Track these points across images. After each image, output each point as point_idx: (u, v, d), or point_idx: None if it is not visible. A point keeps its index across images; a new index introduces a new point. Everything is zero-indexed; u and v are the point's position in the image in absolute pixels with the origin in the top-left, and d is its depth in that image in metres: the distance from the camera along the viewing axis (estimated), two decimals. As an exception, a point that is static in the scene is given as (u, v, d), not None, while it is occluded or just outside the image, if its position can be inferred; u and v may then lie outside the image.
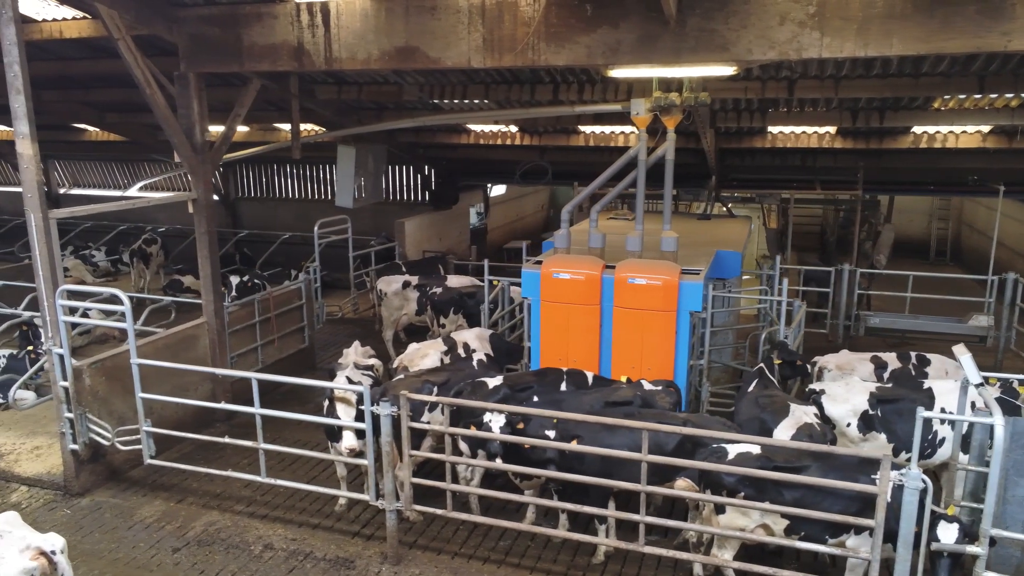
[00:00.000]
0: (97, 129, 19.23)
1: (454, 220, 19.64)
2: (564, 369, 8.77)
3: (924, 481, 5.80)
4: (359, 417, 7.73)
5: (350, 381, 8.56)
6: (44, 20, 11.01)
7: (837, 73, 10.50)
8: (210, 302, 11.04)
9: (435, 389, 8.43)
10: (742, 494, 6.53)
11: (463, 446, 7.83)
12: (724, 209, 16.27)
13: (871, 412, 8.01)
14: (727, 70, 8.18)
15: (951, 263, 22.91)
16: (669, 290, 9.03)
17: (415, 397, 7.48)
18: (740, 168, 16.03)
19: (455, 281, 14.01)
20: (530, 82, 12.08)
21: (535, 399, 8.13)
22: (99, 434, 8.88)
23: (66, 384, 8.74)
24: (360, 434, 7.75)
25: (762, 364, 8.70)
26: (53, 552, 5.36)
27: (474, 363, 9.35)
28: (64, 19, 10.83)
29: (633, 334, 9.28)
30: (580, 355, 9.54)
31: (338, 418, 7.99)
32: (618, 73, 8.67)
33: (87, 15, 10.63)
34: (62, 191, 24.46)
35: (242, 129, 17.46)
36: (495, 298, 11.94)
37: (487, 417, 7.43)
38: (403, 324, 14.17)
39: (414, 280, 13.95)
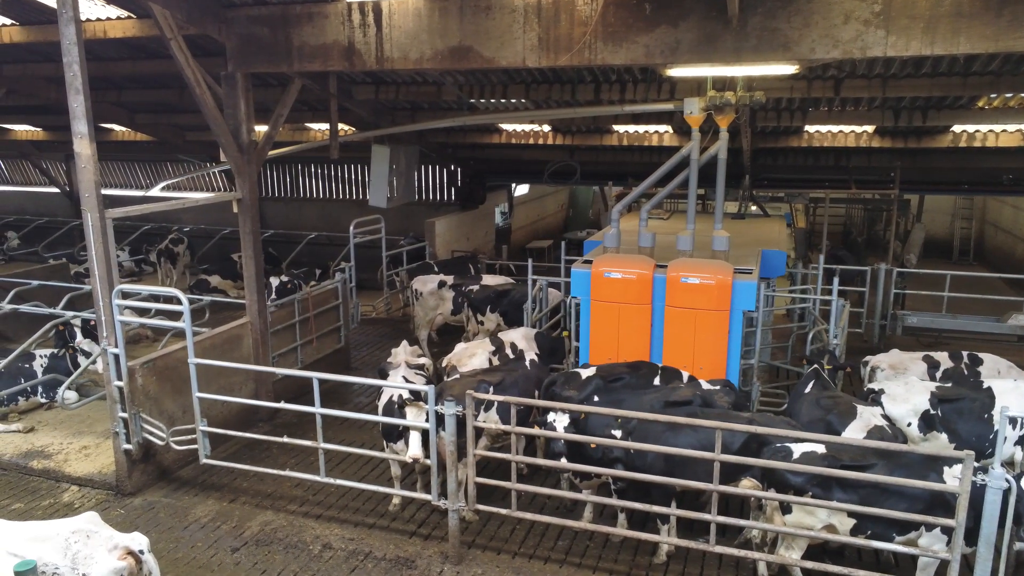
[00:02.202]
0: (122, 129, 19.25)
1: (481, 220, 19.64)
2: (660, 365, 8.77)
3: (1008, 481, 5.77)
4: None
5: (406, 381, 8.57)
6: (88, 20, 10.99)
7: (885, 72, 10.48)
8: (254, 302, 11.03)
9: (491, 388, 8.41)
10: (810, 493, 6.51)
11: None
12: (754, 208, 16.24)
13: (932, 412, 7.99)
14: (789, 69, 8.15)
15: (974, 262, 22.85)
16: (723, 289, 9.00)
17: (481, 396, 7.46)
18: (772, 167, 15.99)
19: (491, 280, 13.99)
20: (572, 81, 12.07)
21: (595, 399, 8.11)
22: (153, 434, 8.87)
23: (121, 384, 8.74)
24: (423, 438, 7.72)
25: (816, 366, 8.67)
26: (141, 551, 5.35)
27: (527, 363, 9.32)
28: (109, 19, 10.81)
29: (685, 334, 9.26)
30: (631, 355, 9.51)
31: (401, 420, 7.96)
32: (676, 72, 8.65)
33: (132, 15, 10.64)
34: (85, 191, 24.46)
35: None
36: (534, 298, 11.93)
37: (551, 417, 7.42)
38: (437, 324, 14.15)
39: (449, 280, 13.94)
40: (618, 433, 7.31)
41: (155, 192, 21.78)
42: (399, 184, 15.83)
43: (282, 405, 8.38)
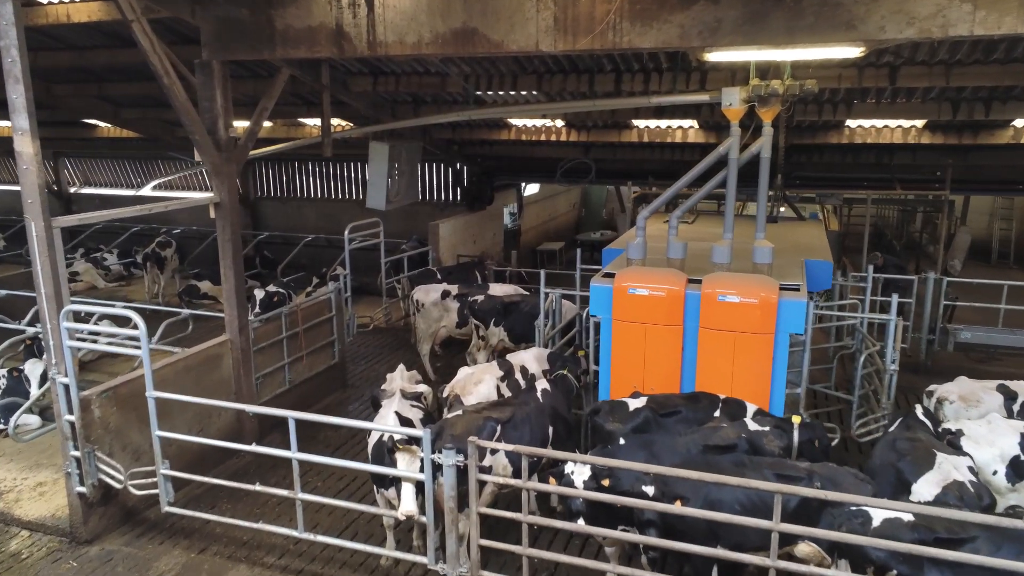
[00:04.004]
0: (110, 125, 18.12)
1: (488, 221, 18.38)
2: (722, 396, 7.63)
3: None
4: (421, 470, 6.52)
5: (400, 417, 7.40)
6: (50, 2, 9.87)
7: (950, 58, 9.19)
8: (234, 318, 9.88)
9: (499, 427, 7.22)
10: (895, 572, 5.29)
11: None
12: (783, 210, 14.91)
13: (1023, 458, 6.73)
14: (852, 51, 6.91)
15: (1014, 265, 21.43)
16: (767, 309, 7.77)
17: (485, 444, 6.27)
18: (807, 165, 14.67)
19: (499, 289, 12.79)
20: (590, 71, 10.83)
21: (621, 441, 6.91)
22: (110, 475, 7.73)
23: (72, 418, 7.59)
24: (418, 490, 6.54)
25: (919, 405, 7.53)
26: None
27: (539, 393, 8.10)
28: (72, 1, 9.69)
29: (722, 360, 8.03)
30: (658, 383, 8.31)
31: (392, 464, 6.79)
32: (716, 57, 7.42)
33: (97, -5, 9.52)
34: (73, 190, 23.40)
35: (264, 124, 16.31)
36: (546, 311, 10.69)
37: (568, 468, 6.23)
38: (441, 337, 12.97)
39: (454, 289, 12.74)
40: (651, 490, 6.09)
41: (146, 191, 20.73)
42: (400, 184, 14.61)
43: (253, 448, 7.16)
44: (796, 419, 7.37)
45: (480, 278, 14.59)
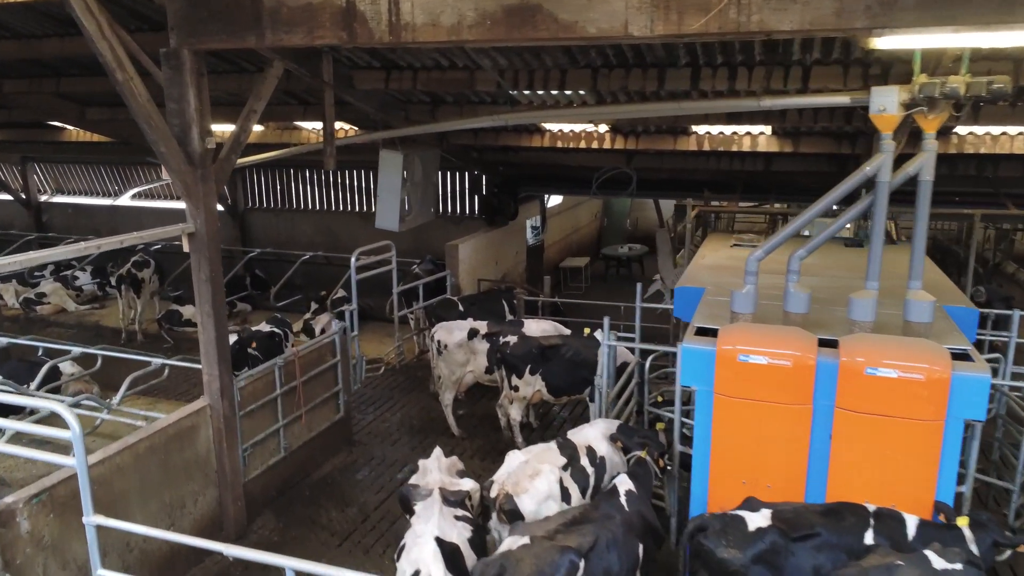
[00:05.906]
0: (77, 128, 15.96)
1: (511, 238, 16.19)
2: (871, 508, 5.61)
3: None
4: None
5: (442, 545, 5.29)
6: (-22, -24, 7.77)
7: None
8: (215, 378, 7.79)
9: (581, 564, 5.13)
10: None
11: None
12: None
13: None
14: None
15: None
16: (937, 387, 5.69)
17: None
18: (892, 178, 12.56)
19: (534, 327, 10.68)
20: (658, 65, 8.70)
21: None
22: (37, 618, 5.63)
23: (-17, 542, 5.49)
24: None
25: None
26: None
27: (622, 499, 6.01)
28: (5, -26, 7.59)
29: (869, 453, 5.96)
30: (777, 480, 6.26)
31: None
32: (888, 43, 5.34)
33: (35, -33, 7.40)
34: (43, 199, 21.14)
35: (255, 128, 14.17)
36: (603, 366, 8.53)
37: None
38: (467, 384, 10.86)
39: (482, 327, 10.62)
40: None
41: (124, 201, 18.62)
42: (414, 199, 12.44)
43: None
44: (963, 521, 5.55)
45: (509, 309, 12.47)
